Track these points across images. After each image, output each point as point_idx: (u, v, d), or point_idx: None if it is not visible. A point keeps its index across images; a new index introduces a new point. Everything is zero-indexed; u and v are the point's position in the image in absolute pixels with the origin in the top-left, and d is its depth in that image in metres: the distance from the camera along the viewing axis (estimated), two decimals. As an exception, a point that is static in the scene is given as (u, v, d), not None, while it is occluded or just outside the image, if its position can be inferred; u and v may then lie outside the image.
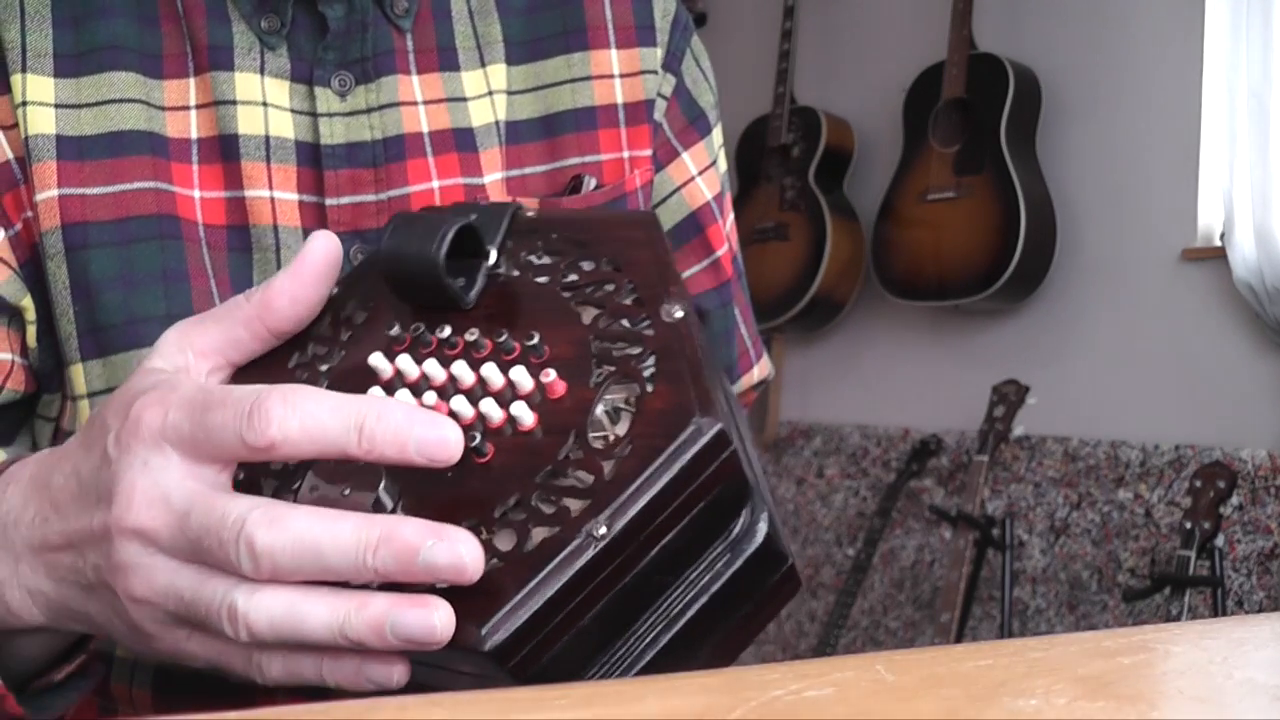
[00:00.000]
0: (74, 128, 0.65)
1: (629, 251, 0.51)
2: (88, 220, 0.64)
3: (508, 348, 0.49)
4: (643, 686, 0.35)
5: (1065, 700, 0.34)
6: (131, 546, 0.45)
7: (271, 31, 0.68)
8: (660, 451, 0.44)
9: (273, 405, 0.43)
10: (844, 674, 0.35)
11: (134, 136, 0.65)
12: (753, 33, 3.39)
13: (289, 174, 0.67)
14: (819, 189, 3.04)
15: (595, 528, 0.43)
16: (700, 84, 0.81)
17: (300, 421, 0.43)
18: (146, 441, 0.45)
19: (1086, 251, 2.74)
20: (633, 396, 0.46)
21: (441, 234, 0.49)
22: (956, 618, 2.50)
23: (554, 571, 0.42)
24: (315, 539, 0.42)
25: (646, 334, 0.48)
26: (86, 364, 0.64)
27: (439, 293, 0.51)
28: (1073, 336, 2.77)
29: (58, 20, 0.66)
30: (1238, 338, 2.50)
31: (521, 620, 0.42)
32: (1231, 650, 0.43)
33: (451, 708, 0.32)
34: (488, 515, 0.45)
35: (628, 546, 0.43)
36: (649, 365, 0.47)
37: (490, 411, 0.47)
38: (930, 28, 2.92)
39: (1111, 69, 2.71)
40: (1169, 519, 2.54)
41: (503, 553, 0.43)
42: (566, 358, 0.48)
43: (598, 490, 0.44)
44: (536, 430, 0.46)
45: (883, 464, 3.08)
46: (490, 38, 0.74)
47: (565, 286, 0.51)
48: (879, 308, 3.06)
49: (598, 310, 0.49)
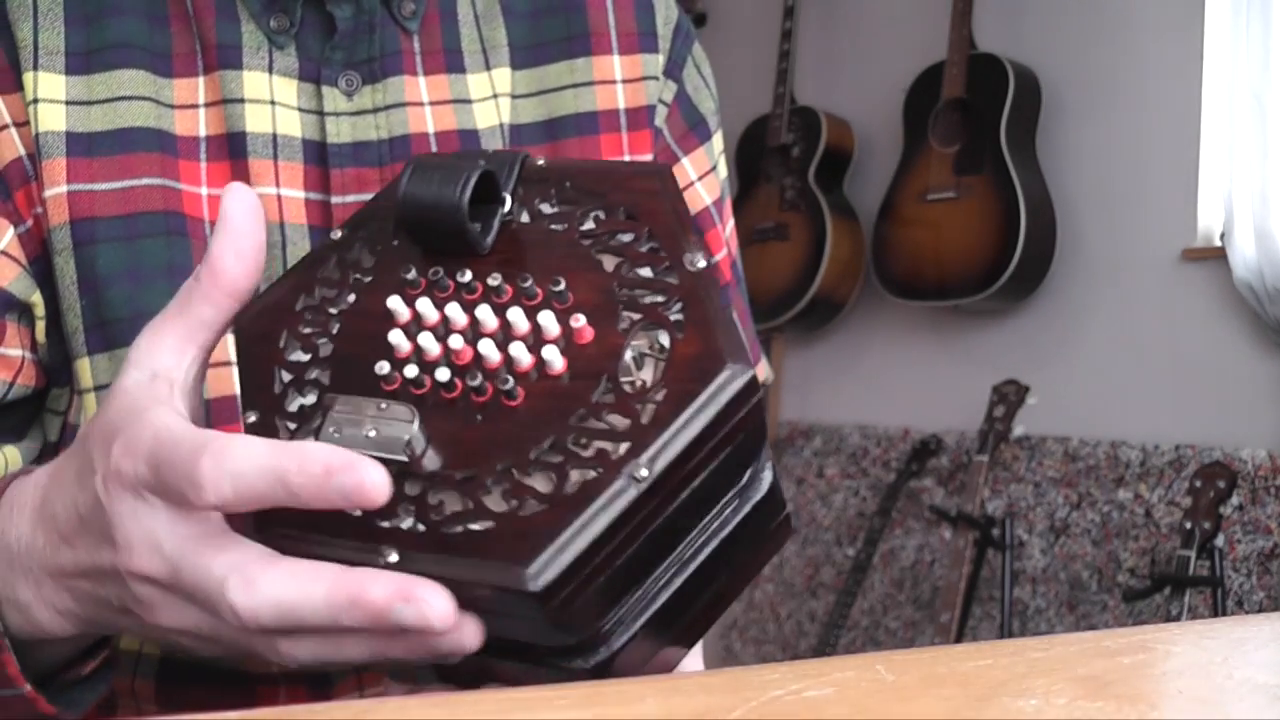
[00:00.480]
0: (83, 124, 0.66)
1: (645, 201, 0.51)
2: (95, 215, 0.65)
3: (530, 293, 0.49)
4: (643, 686, 0.35)
5: (1065, 700, 0.34)
6: (144, 588, 0.47)
7: (280, 31, 0.68)
8: (695, 396, 0.44)
9: (205, 469, 0.44)
10: (844, 674, 0.35)
11: (142, 133, 0.66)
12: (753, 33, 3.39)
13: (296, 172, 0.68)
14: (819, 189, 3.04)
15: (636, 469, 0.43)
16: (701, 91, 0.82)
17: (232, 485, 0.44)
18: (129, 491, 0.46)
19: (1086, 251, 2.74)
20: (657, 343, 0.47)
21: (464, 179, 0.50)
22: (956, 618, 2.50)
23: (598, 512, 0.43)
24: (291, 602, 0.43)
25: (671, 282, 0.48)
26: (93, 358, 0.65)
27: (458, 238, 0.50)
28: (1073, 336, 2.77)
29: (70, 18, 0.67)
30: (1238, 338, 2.50)
31: (568, 561, 0.42)
32: (1231, 650, 0.43)
33: (451, 708, 0.32)
34: (521, 457, 0.45)
35: (664, 488, 0.44)
36: (676, 312, 0.47)
37: (519, 355, 0.47)
38: (930, 28, 2.92)
39: (1111, 69, 2.71)
40: (1169, 519, 2.54)
41: (542, 494, 0.44)
42: (592, 304, 0.48)
43: (635, 434, 0.44)
44: (565, 375, 0.47)
45: (883, 464, 3.08)
46: (495, 41, 0.75)
47: (583, 235, 0.51)
48: (879, 308, 3.06)
49: (619, 259, 0.50)
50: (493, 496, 0.45)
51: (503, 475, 0.45)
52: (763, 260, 3.05)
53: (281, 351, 0.52)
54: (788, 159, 3.11)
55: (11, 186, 0.65)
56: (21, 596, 0.52)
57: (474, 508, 0.44)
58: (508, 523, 0.43)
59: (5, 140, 0.65)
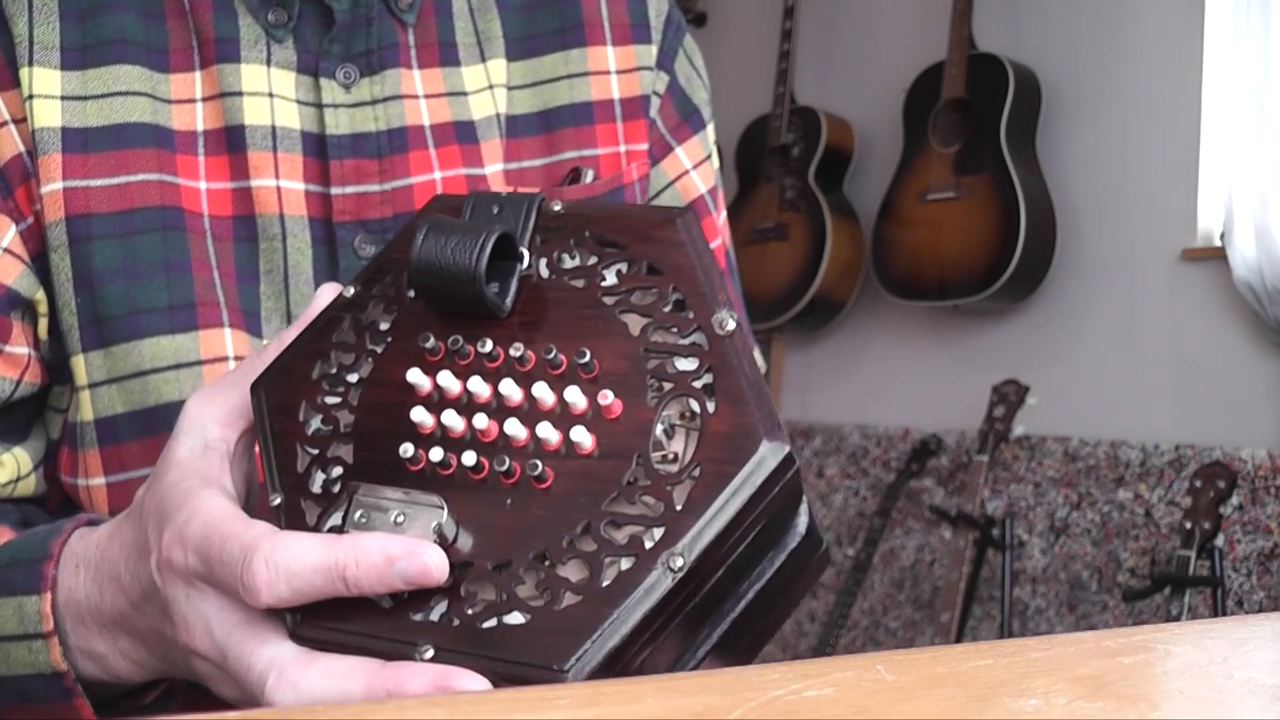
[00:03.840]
0: (79, 120, 0.66)
1: (669, 255, 0.49)
2: (91, 212, 0.65)
3: (555, 363, 0.47)
4: (643, 686, 0.35)
5: (1065, 700, 0.34)
6: (202, 664, 0.49)
7: (279, 24, 0.69)
8: (730, 478, 0.43)
9: (258, 571, 0.45)
10: (844, 674, 0.35)
11: (139, 129, 0.66)
12: (753, 33, 3.38)
13: (295, 163, 0.68)
14: (819, 189, 3.03)
15: (672, 559, 0.42)
16: (694, 81, 0.82)
17: (288, 584, 0.45)
18: (181, 578, 0.48)
19: (1086, 251, 2.74)
20: (689, 410, 0.46)
21: (480, 244, 0.48)
22: (956, 618, 2.50)
23: (633, 605, 0.42)
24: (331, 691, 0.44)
25: (700, 346, 0.47)
26: (88, 355, 0.65)
27: (475, 303, 0.49)
28: (1073, 336, 2.76)
29: (65, 14, 0.67)
30: (1238, 338, 2.50)
31: (602, 655, 0.42)
32: (1231, 650, 0.43)
33: (451, 708, 0.32)
34: (555, 544, 0.44)
35: (701, 573, 0.43)
36: (705, 380, 0.46)
37: (547, 435, 0.46)
38: (930, 28, 2.92)
39: (1111, 69, 2.71)
40: (1169, 519, 2.54)
41: (576, 585, 0.43)
42: (619, 373, 0.47)
43: (669, 520, 0.43)
44: (595, 453, 0.45)
45: (883, 464, 3.08)
46: (490, 34, 0.75)
47: (605, 291, 0.49)
48: (879, 308, 3.06)
49: (644, 319, 0.48)
50: (526, 586, 0.44)
51: (535, 563, 0.44)
52: (762, 260, 3.05)
53: (302, 425, 0.51)
54: (788, 159, 3.11)
55: (12, 184, 0.65)
56: (97, 648, 0.54)
57: (507, 599, 0.44)
58: (543, 617, 0.43)
59: (4, 137, 0.65)
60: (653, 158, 0.80)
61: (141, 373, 0.65)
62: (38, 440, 0.68)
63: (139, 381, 0.65)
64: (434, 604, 0.45)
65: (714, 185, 0.85)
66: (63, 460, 0.68)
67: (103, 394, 0.65)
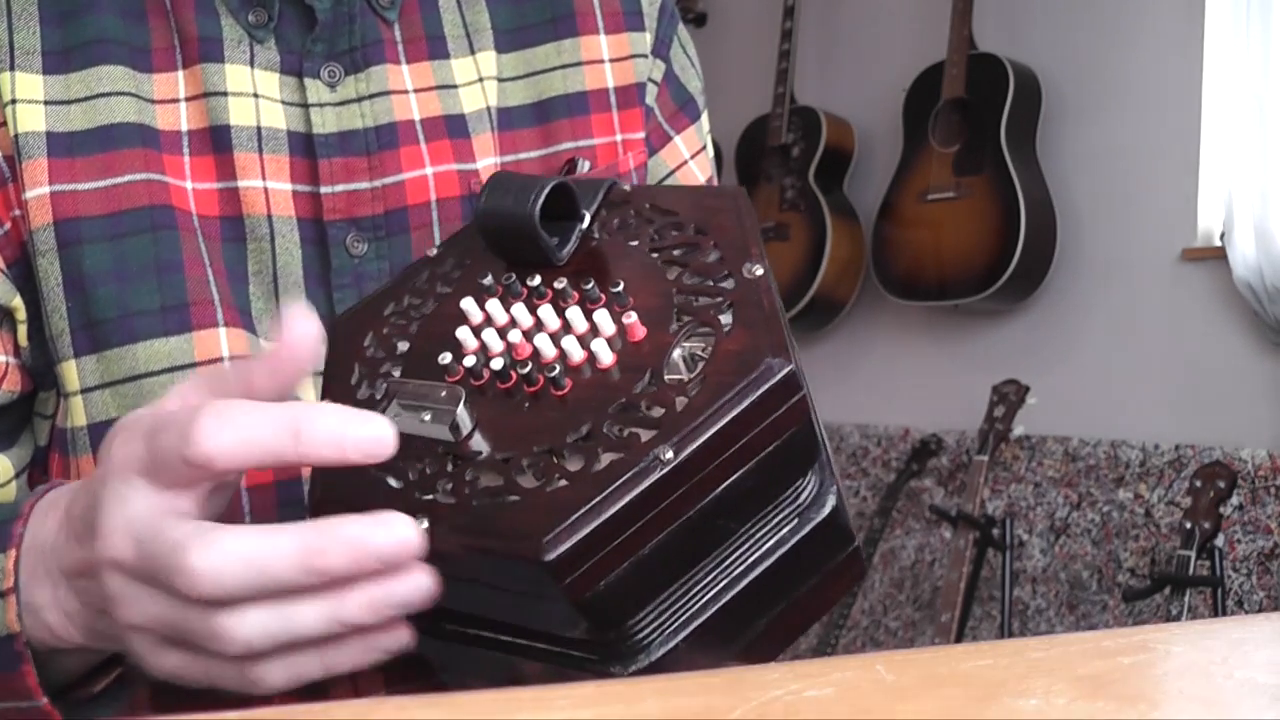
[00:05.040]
0: (64, 124, 0.65)
1: (715, 218, 0.53)
2: (80, 215, 0.64)
3: (593, 296, 0.51)
4: (643, 686, 0.35)
5: (1065, 700, 0.34)
6: (114, 579, 0.47)
7: (259, 25, 0.68)
8: (730, 387, 0.45)
9: (205, 422, 0.44)
10: (844, 674, 0.35)
11: (125, 129, 0.65)
12: (753, 33, 3.38)
13: (282, 164, 0.67)
14: (819, 189, 3.03)
15: (663, 452, 0.44)
16: (688, 70, 0.82)
17: (234, 434, 0.44)
18: (117, 473, 0.47)
19: (1086, 251, 2.74)
20: (709, 347, 0.48)
21: (536, 191, 0.53)
22: (956, 618, 2.50)
23: (618, 490, 0.43)
24: (257, 552, 0.44)
25: (726, 288, 0.49)
26: (80, 360, 0.64)
27: (533, 247, 0.53)
28: (1073, 336, 2.76)
29: (45, 18, 0.66)
30: (1238, 338, 2.50)
31: (581, 534, 0.43)
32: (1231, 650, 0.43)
33: (451, 708, 0.32)
34: (559, 441, 0.46)
35: (693, 475, 0.44)
36: (727, 314, 0.48)
37: (571, 349, 0.49)
38: (930, 28, 2.92)
39: (1112, 69, 2.71)
40: (1169, 519, 2.54)
41: (570, 473, 0.45)
42: (649, 307, 0.50)
43: (667, 421, 0.45)
44: (614, 369, 0.48)
45: (883, 464, 3.08)
46: (478, 25, 0.74)
47: (654, 249, 0.53)
48: (879, 308, 3.06)
49: (681, 268, 0.51)
50: (526, 475, 0.46)
51: (539, 457, 0.46)
52: (763, 260, 3.04)
53: (364, 349, 0.55)
54: (788, 159, 3.11)
55: None
56: (37, 598, 0.52)
57: (504, 484, 0.46)
58: (533, 497, 0.45)
59: None
60: (650, 147, 0.79)
61: (135, 376, 0.64)
62: (22, 448, 0.68)
63: (133, 385, 0.64)
64: (439, 486, 0.47)
65: (711, 175, 0.84)
66: (53, 467, 0.67)
67: (96, 399, 0.64)
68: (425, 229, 0.69)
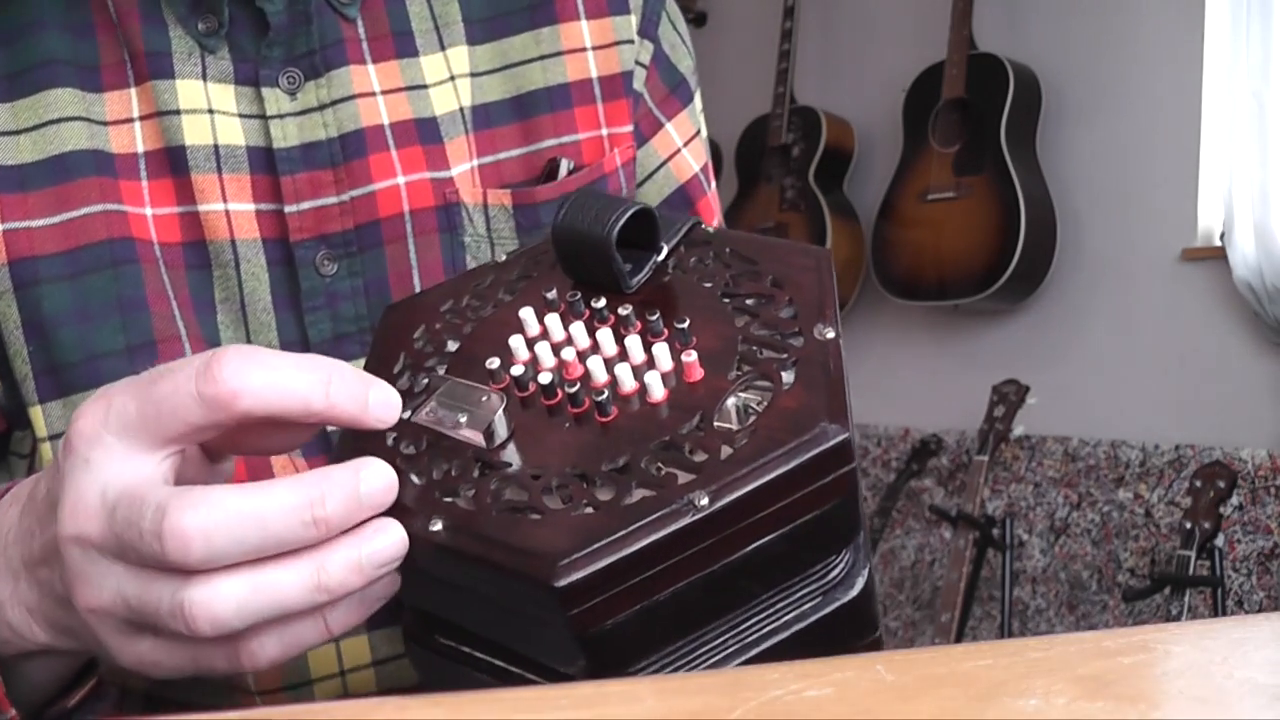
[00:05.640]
0: (13, 156, 0.61)
1: (795, 274, 0.51)
2: (36, 254, 0.60)
3: (656, 329, 0.50)
4: (642, 686, 0.35)
5: (1065, 700, 0.34)
6: (74, 553, 0.43)
7: (210, 33, 0.64)
8: (780, 444, 0.43)
9: (229, 357, 0.41)
10: (844, 674, 0.35)
11: (78, 157, 0.61)
12: (753, 33, 3.38)
13: (243, 184, 0.63)
14: (819, 189, 3.03)
15: (698, 497, 0.42)
16: (679, 48, 0.77)
17: (265, 373, 0.41)
18: (87, 438, 0.43)
19: (1086, 251, 2.74)
20: (766, 400, 0.46)
21: (619, 213, 0.51)
22: (956, 618, 2.50)
23: (644, 528, 0.41)
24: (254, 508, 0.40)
25: (794, 344, 0.48)
26: (45, 405, 0.61)
27: (605, 270, 0.52)
28: (1073, 336, 2.77)
29: None
30: (1238, 338, 2.50)
31: (599, 565, 0.41)
32: (1231, 650, 0.43)
33: (452, 708, 0.32)
34: (594, 466, 0.45)
35: (725, 528, 0.42)
36: (790, 371, 0.46)
37: (623, 377, 0.48)
38: (930, 28, 2.92)
39: (1111, 69, 2.71)
40: (1169, 519, 2.54)
41: (599, 501, 0.43)
42: (711, 349, 0.48)
43: (709, 467, 0.43)
44: (664, 405, 0.47)
45: (883, 464, 3.08)
46: (448, 18, 0.70)
47: (726, 293, 0.52)
48: (879, 308, 3.06)
49: (751, 317, 0.50)
50: (553, 496, 0.44)
51: (569, 478, 0.45)
52: (763, 260, 3.05)
53: (413, 341, 0.54)
54: (788, 159, 3.11)
55: None
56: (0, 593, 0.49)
57: (529, 500, 0.44)
58: (555, 517, 0.43)
59: None
60: (641, 135, 0.75)
61: None
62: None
63: None
64: (461, 491, 0.45)
65: (705, 162, 0.80)
66: None
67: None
68: (399, 243, 0.65)
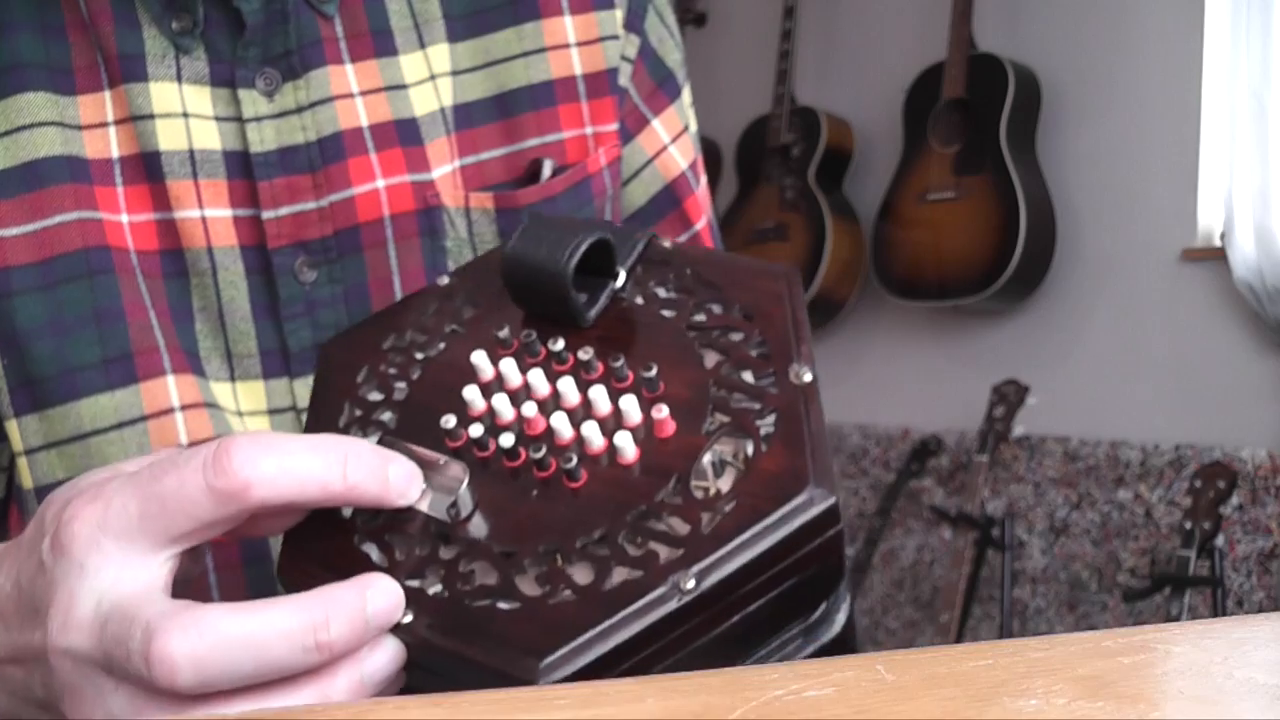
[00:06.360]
0: None
1: (764, 304, 0.48)
2: (9, 265, 0.59)
3: (621, 375, 0.46)
4: (643, 686, 0.35)
5: (1065, 700, 0.34)
6: (66, 666, 0.40)
7: (184, 32, 0.61)
8: (765, 515, 0.41)
9: (239, 446, 0.39)
10: (844, 674, 0.35)
11: (51, 164, 0.60)
12: (753, 33, 3.38)
13: (219, 189, 0.62)
14: (819, 189, 3.03)
15: (683, 580, 0.40)
16: (666, 42, 0.75)
17: (278, 460, 0.40)
18: (83, 542, 0.40)
19: (1086, 251, 2.74)
20: (742, 452, 0.43)
21: (574, 245, 0.48)
22: (956, 618, 2.50)
23: (630, 617, 0.39)
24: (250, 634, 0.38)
25: (770, 392, 0.45)
26: (21, 420, 0.59)
27: (560, 304, 0.48)
28: (1073, 336, 2.76)
29: None
30: (1238, 338, 2.50)
31: (584, 662, 0.39)
32: (1231, 650, 0.43)
33: (451, 708, 0.32)
34: (568, 542, 0.42)
35: (711, 607, 0.40)
36: (767, 423, 0.44)
37: (591, 436, 0.44)
38: (930, 28, 2.92)
39: (1111, 69, 2.71)
40: (1169, 519, 2.54)
41: (578, 586, 0.41)
42: (681, 398, 0.45)
43: (691, 542, 0.41)
44: (635, 467, 0.44)
45: (883, 464, 3.08)
46: (428, 15, 0.68)
47: (691, 326, 0.48)
48: (879, 308, 3.06)
49: (721, 356, 0.47)
50: (526, 578, 0.42)
51: (543, 558, 0.42)
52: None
53: (357, 387, 0.50)
54: (788, 159, 3.11)
55: None
56: None
57: (501, 584, 0.42)
58: (533, 607, 0.41)
59: None
60: (627, 132, 0.73)
61: (82, 435, 0.59)
62: None
63: (79, 445, 0.59)
64: (429, 573, 0.43)
65: (694, 159, 0.78)
66: (12, 521, 0.63)
67: (40, 460, 0.59)
68: (379, 248, 0.64)
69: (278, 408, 0.63)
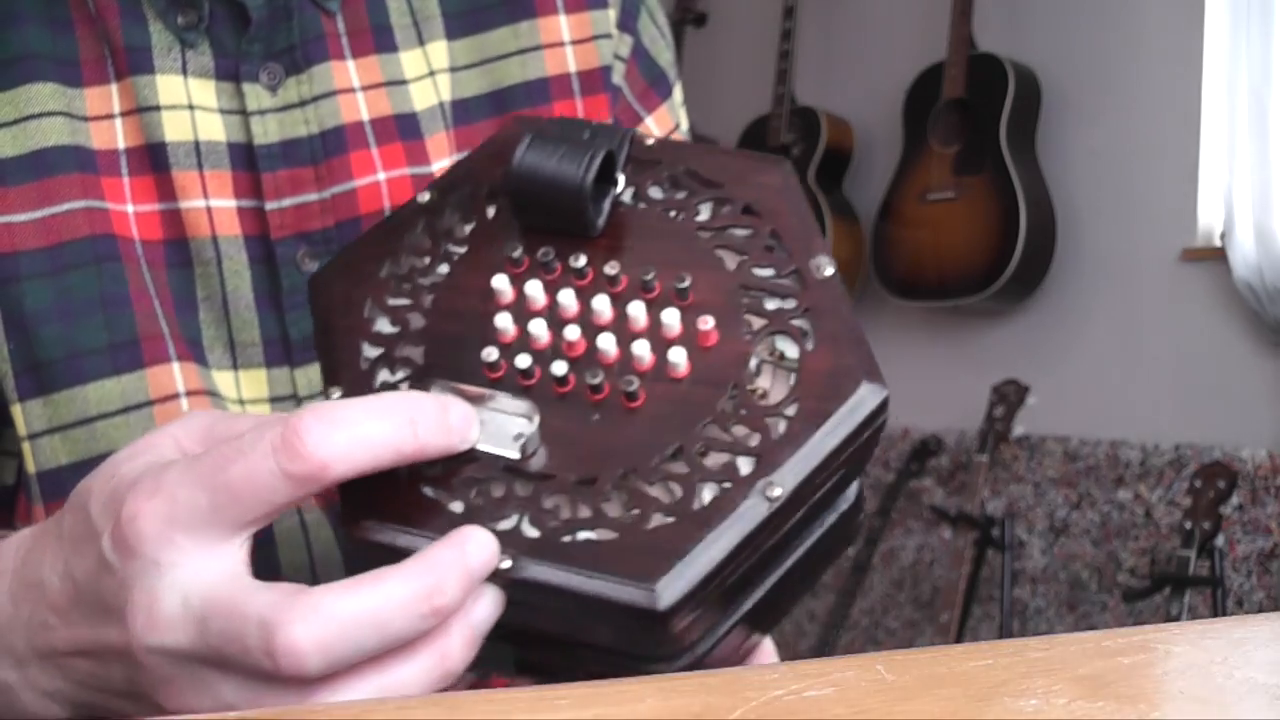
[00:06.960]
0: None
1: (766, 198, 0.47)
2: (17, 250, 0.59)
3: (649, 286, 0.46)
4: (642, 686, 0.35)
5: (1065, 700, 0.34)
6: (158, 662, 0.40)
7: (189, 27, 0.62)
8: (829, 415, 0.42)
9: (307, 427, 0.39)
10: (844, 674, 0.35)
11: (58, 153, 0.60)
12: (753, 33, 3.38)
13: (224, 180, 0.63)
14: (819, 189, 3.04)
15: (770, 488, 0.41)
16: (658, 42, 0.76)
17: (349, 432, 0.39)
18: (153, 540, 0.40)
19: (1086, 251, 2.74)
20: (777, 350, 0.44)
21: (590, 156, 0.46)
22: (956, 618, 2.50)
23: (726, 530, 0.40)
24: (371, 610, 0.38)
25: (797, 289, 0.45)
26: (26, 404, 0.59)
27: (573, 217, 0.47)
28: (1073, 336, 2.77)
29: None
30: (1238, 338, 2.50)
31: (696, 579, 0.40)
32: (1231, 650, 0.43)
33: (451, 708, 0.32)
34: (643, 464, 0.42)
35: (796, 510, 0.42)
36: (803, 322, 0.45)
37: (641, 353, 0.44)
38: (930, 28, 2.92)
39: (1112, 69, 2.71)
40: (1169, 519, 2.54)
41: (668, 507, 0.41)
42: (714, 304, 0.45)
43: (765, 450, 0.42)
44: (688, 379, 0.44)
45: (883, 464, 3.08)
46: (427, 13, 0.69)
47: (700, 226, 0.47)
48: (879, 308, 3.06)
49: (740, 256, 0.46)
50: (612, 504, 0.42)
51: (623, 482, 0.42)
52: (763, 260, 3.05)
53: (367, 323, 0.48)
54: (788, 159, 3.11)
55: None
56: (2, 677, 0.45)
57: (592, 515, 0.42)
58: (632, 535, 0.41)
59: None
60: None
61: (87, 420, 0.59)
62: None
63: (85, 429, 0.59)
64: (509, 513, 0.42)
65: None
66: (19, 509, 0.63)
67: (44, 445, 0.59)
68: None
69: (279, 395, 0.63)
